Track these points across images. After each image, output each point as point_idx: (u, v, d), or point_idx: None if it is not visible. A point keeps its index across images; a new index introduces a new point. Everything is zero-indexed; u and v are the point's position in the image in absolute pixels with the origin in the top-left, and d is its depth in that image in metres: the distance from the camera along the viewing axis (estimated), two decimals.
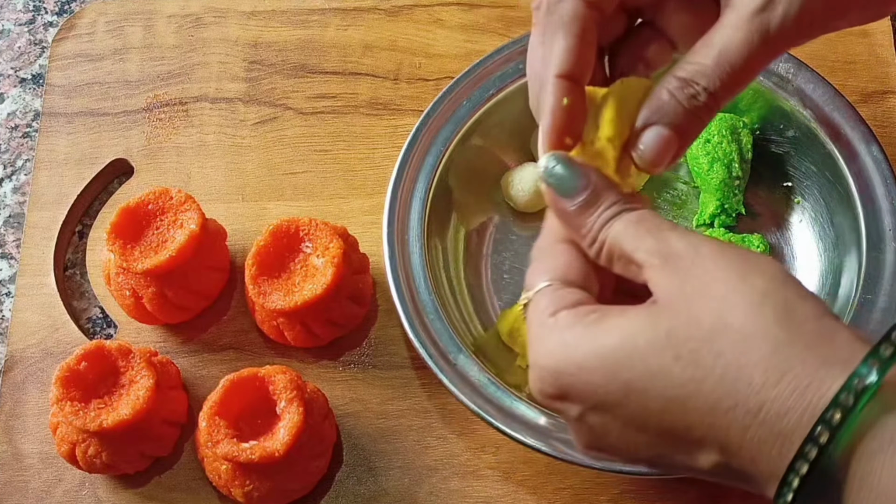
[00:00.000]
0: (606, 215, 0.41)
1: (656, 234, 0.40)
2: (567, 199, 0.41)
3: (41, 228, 0.69)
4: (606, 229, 0.41)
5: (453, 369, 0.57)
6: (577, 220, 0.41)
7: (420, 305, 0.59)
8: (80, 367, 0.59)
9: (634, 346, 0.37)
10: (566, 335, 0.39)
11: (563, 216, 0.42)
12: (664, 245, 0.39)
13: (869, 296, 0.58)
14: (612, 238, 0.40)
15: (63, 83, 0.74)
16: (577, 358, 0.38)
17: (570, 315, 0.40)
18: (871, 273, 0.59)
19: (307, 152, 0.70)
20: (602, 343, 0.38)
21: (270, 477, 0.57)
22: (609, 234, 0.41)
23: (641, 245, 0.39)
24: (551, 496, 0.60)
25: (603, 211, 0.41)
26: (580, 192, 0.41)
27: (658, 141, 0.42)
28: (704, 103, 0.42)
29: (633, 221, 0.40)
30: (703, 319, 0.37)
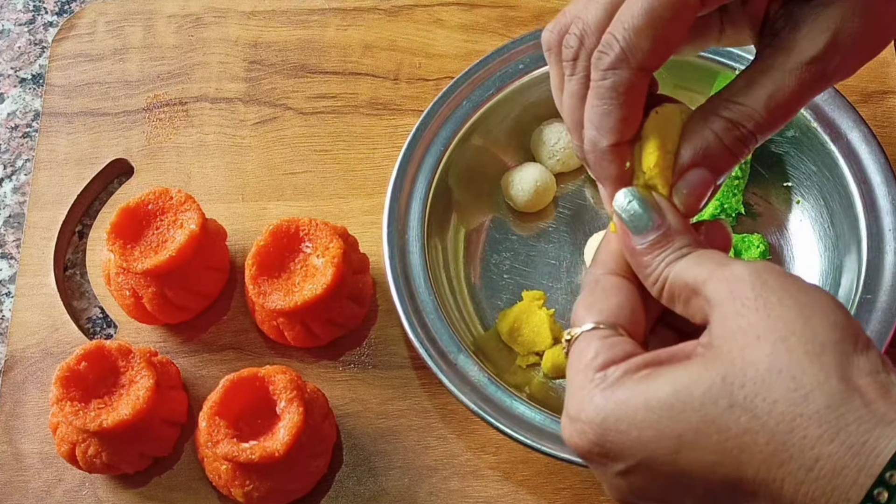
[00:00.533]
0: (674, 256, 0.40)
1: (718, 261, 0.39)
2: (638, 237, 0.41)
3: (41, 228, 0.69)
4: (671, 267, 0.40)
5: (453, 369, 0.57)
6: (644, 259, 0.41)
7: (420, 305, 0.59)
8: (80, 367, 0.59)
9: (688, 397, 0.36)
10: (616, 393, 0.38)
11: (631, 253, 0.41)
12: (725, 271, 0.38)
13: (869, 296, 0.58)
14: (675, 273, 0.40)
15: (63, 83, 0.74)
16: (627, 415, 0.37)
17: (619, 370, 0.38)
18: (872, 273, 0.59)
19: (307, 152, 0.70)
20: (654, 396, 0.37)
21: (270, 477, 0.57)
22: (673, 269, 0.40)
23: (702, 273, 0.39)
24: (551, 496, 0.60)
25: (672, 252, 0.40)
26: (652, 231, 0.41)
27: (701, 184, 0.42)
28: (748, 146, 0.42)
29: (697, 255, 0.40)
30: (759, 363, 0.36)
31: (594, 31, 0.41)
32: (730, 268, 0.38)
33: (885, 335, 0.57)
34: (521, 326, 0.62)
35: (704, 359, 0.37)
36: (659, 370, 0.38)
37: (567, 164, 0.66)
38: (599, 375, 0.39)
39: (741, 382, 0.36)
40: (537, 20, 0.73)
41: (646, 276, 0.41)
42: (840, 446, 0.34)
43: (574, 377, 0.40)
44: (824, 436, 0.34)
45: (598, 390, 0.38)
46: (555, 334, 0.62)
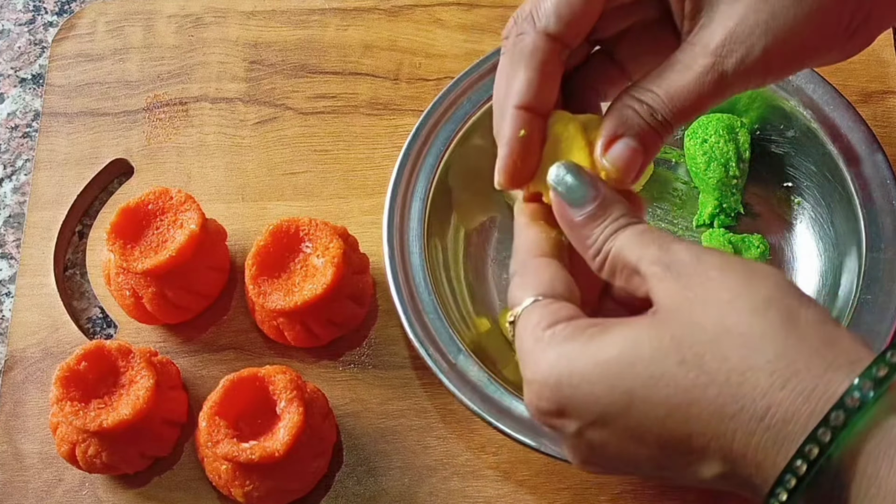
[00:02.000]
0: (612, 227, 0.41)
1: (660, 244, 0.39)
2: (576, 209, 0.41)
3: (41, 228, 0.69)
4: (612, 241, 0.41)
5: (453, 369, 0.58)
6: (583, 231, 0.41)
7: (420, 305, 0.59)
8: (80, 367, 0.59)
9: (638, 354, 0.37)
10: (566, 348, 0.39)
11: (570, 226, 0.42)
12: (667, 254, 0.39)
13: (869, 296, 0.58)
14: (616, 249, 0.40)
15: (63, 83, 0.74)
16: (578, 370, 0.38)
17: (569, 328, 0.39)
18: (871, 273, 0.59)
19: (307, 152, 0.70)
20: (604, 353, 0.38)
21: (270, 477, 0.57)
22: (614, 245, 0.40)
23: (645, 254, 0.39)
24: (551, 496, 0.60)
25: (610, 223, 0.41)
26: (589, 202, 0.41)
27: (627, 151, 0.42)
28: (660, 122, 0.42)
29: (638, 233, 0.40)
30: (707, 324, 0.37)
31: (524, 13, 0.43)
32: (672, 251, 0.39)
33: (885, 335, 0.57)
34: None
35: (652, 321, 0.38)
36: (607, 328, 0.39)
37: None
38: (548, 333, 0.39)
39: (690, 343, 0.36)
40: None
41: (586, 249, 0.42)
42: (791, 392, 0.35)
43: (523, 344, 0.40)
44: (775, 384, 0.35)
45: (550, 347, 0.39)
46: None
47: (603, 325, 0.39)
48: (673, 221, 0.66)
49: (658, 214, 0.66)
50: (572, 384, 0.38)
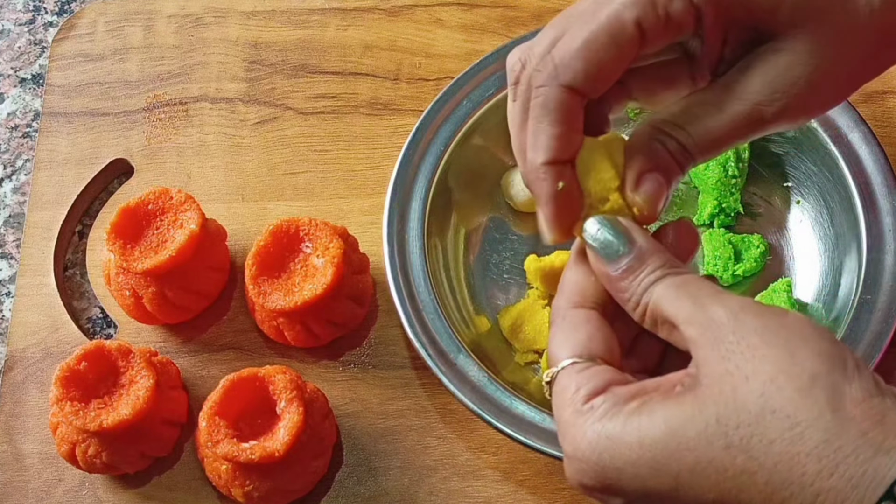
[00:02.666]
0: (649, 279, 0.40)
1: (694, 300, 0.39)
2: (612, 264, 0.41)
3: (41, 228, 0.69)
4: (648, 294, 0.40)
5: (453, 369, 0.58)
6: (621, 284, 0.41)
7: (420, 305, 0.59)
8: (80, 367, 0.59)
9: (683, 438, 0.36)
10: (607, 426, 0.38)
11: (607, 280, 0.41)
12: (702, 312, 0.38)
13: (869, 296, 0.58)
14: (653, 303, 0.40)
15: (63, 83, 0.74)
16: (623, 451, 0.37)
17: (608, 402, 0.38)
18: (871, 274, 0.59)
19: (307, 152, 0.70)
20: (648, 435, 0.37)
21: (270, 477, 0.57)
22: (651, 298, 0.40)
23: (681, 311, 0.39)
24: (551, 496, 0.60)
25: (646, 275, 0.40)
26: (625, 256, 0.41)
27: (656, 187, 0.42)
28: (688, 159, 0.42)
29: (675, 286, 0.40)
30: (751, 404, 0.36)
31: (537, 57, 0.42)
32: (708, 311, 0.38)
33: (886, 335, 0.57)
34: (524, 323, 0.62)
35: (696, 398, 0.37)
36: (649, 404, 0.38)
37: None
38: (587, 408, 0.38)
39: (735, 424, 0.36)
40: (537, 20, 0.73)
41: (625, 302, 0.41)
42: (839, 479, 0.34)
43: (562, 415, 0.39)
44: (823, 471, 0.34)
45: (589, 424, 0.38)
46: None
47: (643, 398, 0.38)
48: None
49: None
50: (616, 466, 0.37)
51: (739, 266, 0.63)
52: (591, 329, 0.41)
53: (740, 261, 0.63)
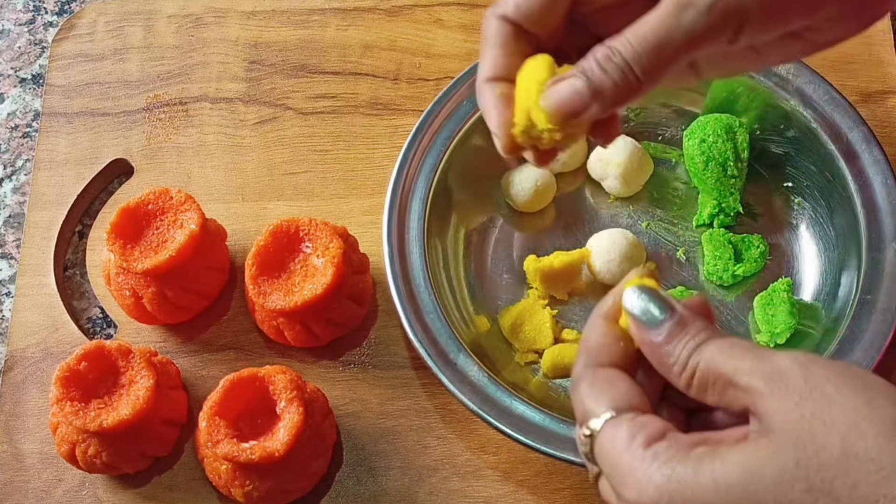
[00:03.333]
0: (695, 341, 0.39)
1: (754, 354, 0.38)
2: (654, 330, 0.40)
3: (41, 228, 0.69)
4: (697, 355, 0.39)
5: (453, 369, 0.58)
6: (665, 349, 0.40)
7: (420, 305, 0.59)
8: (80, 367, 0.59)
9: (761, 481, 0.36)
10: (676, 470, 0.37)
11: (650, 347, 0.41)
12: (766, 364, 0.37)
13: (868, 296, 0.59)
14: (705, 363, 0.39)
15: (63, 83, 0.74)
16: (696, 494, 0.36)
17: (672, 447, 0.37)
18: (871, 273, 0.59)
19: (307, 152, 0.70)
20: (724, 479, 0.36)
21: (270, 477, 0.57)
22: (701, 358, 0.39)
23: (741, 366, 0.38)
24: (551, 496, 0.60)
25: (691, 338, 0.39)
26: (666, 321, 0.40)
27: (568, 91, 0.41)
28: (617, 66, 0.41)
29: (727, 344, 0.39)
30: (833, 449, 0.35)
31: None
32: (772, 361, 0.37)
33: (886, 336, 0.57)
34: (524, 323, 0.62)
35: (771, 442, 0.36)
36: (719, 450, 0.37)
37: (567, 164, 0.66)
38: (649, 453, 0.37)
39: (816, 467, 0.35)
40: None
41: (670, 367, 0.40)
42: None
43: (618, 463, 0.38)
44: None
45: (655, 469, 0.37)
46: (556, 334, 0.62)
47: (709, 444, 0.37)
48: (673, 221, 0.66)
49: (658, 215, 0.66)
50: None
51: (739, 266, 0.63)
52: (625, 385, 0.40)
53: (740, 261, 0.63)
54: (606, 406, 0.40)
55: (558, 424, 0.56)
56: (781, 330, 0.60)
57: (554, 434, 0.56)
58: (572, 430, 0.55)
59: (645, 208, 0.66)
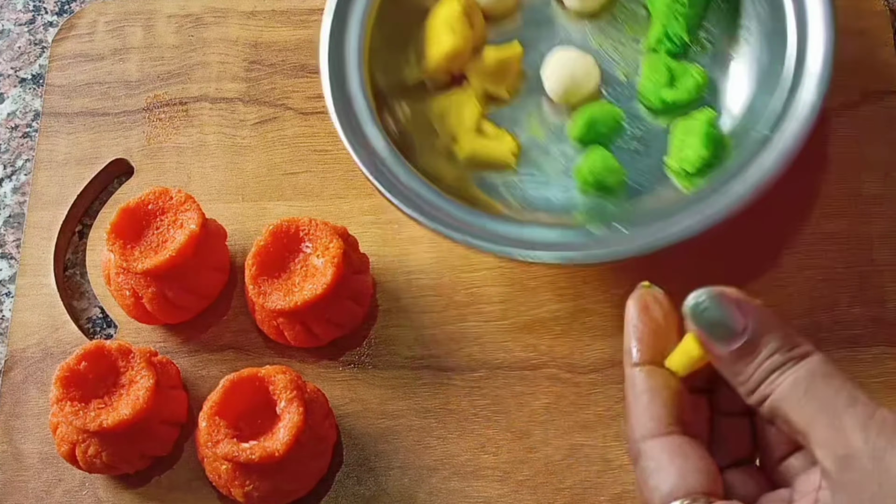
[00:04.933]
0: (768, 366, 0.37)
1: (830, 414, 0.35)
2: (721, 344, 0.38)
3: (41, 228, 0.69)
4: (769, 384, 0.37)
5: (358, 135, 0.61)
6: (734, 368, 0.38)
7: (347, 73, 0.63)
8: (80, 367, 0.59)
9: None
10: None
11: (717, 359, 0.38)
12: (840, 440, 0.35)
13: (770, 133, 0.58)
14: (776, 400, 0.37)
15: (63, 83, 0.74)
16: None
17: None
18: (783, 115, 0.58)
19: (307, 152, 0.70)
20: None
21: (270, 477, 0.57)
22: (773, 393, 0.37)
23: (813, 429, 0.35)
24: (551, 496, 0.60)
25: (764, 360, 0.37)
26: (737, 337, 0.37)
27: None
28: None
29: (802, 384, 0.36)
30: None
31: None
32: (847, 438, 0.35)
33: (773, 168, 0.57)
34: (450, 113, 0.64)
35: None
36: None
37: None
38: None
39: None
40: None
41: (738, 385, 0.38)
42: None
43: None
44: None
45: None
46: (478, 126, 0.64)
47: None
48: (623, 42, 0.66)
49: (611, 34, 0.67)
50: None
51: (671, 92, 0.63)
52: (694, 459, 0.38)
53: (673, 87, 0.63)
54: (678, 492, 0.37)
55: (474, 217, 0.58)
56: (693, 160, 0.60)
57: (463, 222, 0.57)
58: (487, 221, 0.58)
59: (602, 27, 0.67)
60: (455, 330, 0.64)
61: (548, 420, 0.61)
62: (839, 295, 0.63)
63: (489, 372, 0.63)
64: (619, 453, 0.60)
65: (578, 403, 0.62)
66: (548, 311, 0.64)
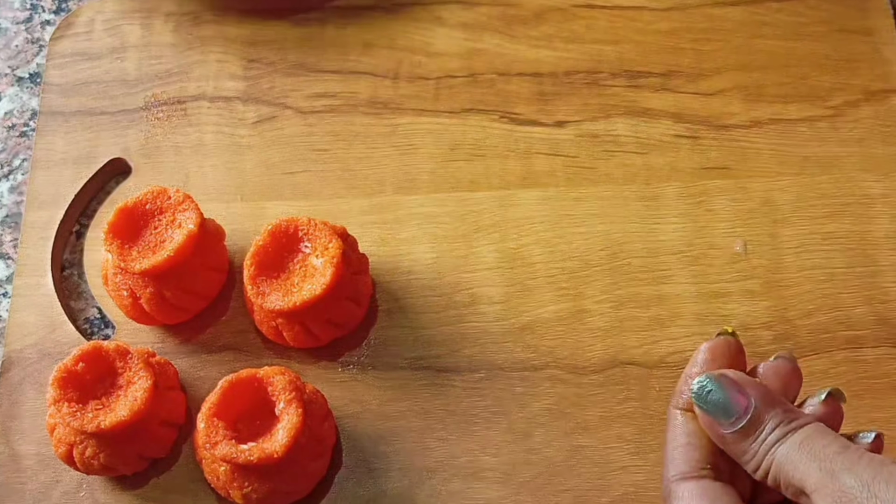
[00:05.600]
0: (770, 440, 0.38)
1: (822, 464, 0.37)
2: (726, 423, 0.39)
3: (38, 228, 0.68)
4: (771, 455, 0.38)
5: None
6: (739, 446, 0.39)
7: None
8: (78, 367, 0.58)
9: None
10: None
11: (720, 441, 0.40)
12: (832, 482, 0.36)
13: None
14: (776, 465, 0.38)
15: (60, 82, 0.73)
16: None
17: None
18: None
19: (306, 151, 0.70)
20: None
21: (269, 478, 0.56)
22: (774, 459, 0.38)
23: (808, 479, 0.37)
24: (552, 498, 0.59)
25: (766, 435, 0.39)
26: (740, 417, 0.39)
27: None
28: None
29: (798, 444, 0.38)
30: None
31: None
32: (838, 480, 0.36)
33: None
34: None
35: None
36: None
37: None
38: None
39: None
40: (538, 18, 0.73)
41: (745, 463, 0.39)
42: None
43: None
44: None
45: None
46: None
47: None
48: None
49: None
50: None
51: None
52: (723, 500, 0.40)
53: None
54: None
55: None
56: None
57: None
58: None
59: None
60: (455, 330, 0.64)
61: (549, 421, 0.61)
62: (841, 296, 0.63)
63: (489, 373, 0.62)
64: (620, 455, 0.60)
65: (580, 405, 0.61)
66: (548, 312, 0.64)
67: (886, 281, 0.63)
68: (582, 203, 0.67)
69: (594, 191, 0.67)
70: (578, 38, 0.72)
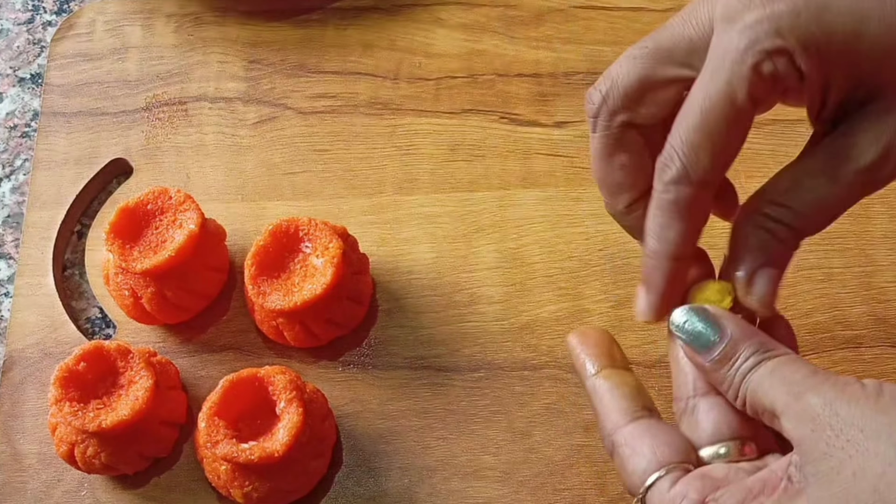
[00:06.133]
0: (744, 368, 0.39)
1: (790, 387, 0.38)
2: (704, 354, 0.41)
3: (40, 228, 0.68)
4: (746, 383, 0.39)
5: None
6: (717, 375, 0.40)
7: None
8: (79, 367, 0.59)
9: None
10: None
11: (701, 370, 0.41)
12: (797, 403, 0.37)
13: None
14: (750, 392, 0.39)
15: (62, 83, 0.73)
16: None
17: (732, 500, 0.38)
18: None
19: (307, 152, 0.70)
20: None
21: (270, 478, 0.57)
22: (748, 387, 0.39)
23: (777, 400, 0.38)
24: (551, 497, 0.59)
25: (741, 363, 0.40)
26: (717, 346, 0.40)
27: (771, 284, 0.42)
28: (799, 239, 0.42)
29: (769, 372, 0.39)
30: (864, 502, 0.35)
31: (620, 93, 0.41)
32: (802, 400, 0.37)
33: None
34: None
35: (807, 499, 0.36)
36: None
37: None
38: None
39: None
40: (538, 19, 0.73)
41: (725, 392, 0.40)
42: None
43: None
44: None
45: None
46: None
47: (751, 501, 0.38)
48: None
49: None
50: None
51: None
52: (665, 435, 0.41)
53: None
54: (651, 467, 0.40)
55: None
56: None
57: None
58: None
59: None
60: (455, 330, 0.64)
61: (548, 420, 0.61)
62: (840, 295, 0.63)
63: (489, 372, 0.62)
64: None
65: (579, 404, 0.61)
66: (547, 311, 0.64)
67: (884, 280, 0.64)
68: (581, 203, 0.67)
69: (594, 191, 0.67)
70: (578, 39, 0.73)
